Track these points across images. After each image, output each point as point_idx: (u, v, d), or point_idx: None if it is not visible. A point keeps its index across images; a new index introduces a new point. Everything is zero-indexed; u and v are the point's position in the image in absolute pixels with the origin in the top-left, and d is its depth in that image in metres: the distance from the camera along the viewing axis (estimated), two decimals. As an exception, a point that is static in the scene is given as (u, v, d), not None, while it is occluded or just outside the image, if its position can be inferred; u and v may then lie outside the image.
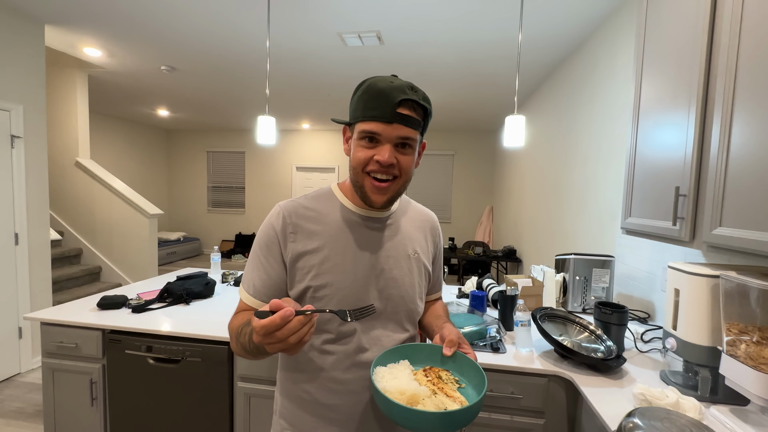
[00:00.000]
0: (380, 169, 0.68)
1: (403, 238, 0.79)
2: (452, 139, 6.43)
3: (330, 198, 0.78)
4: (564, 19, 2.31)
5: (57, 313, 1.49)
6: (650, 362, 1.24)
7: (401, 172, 0.70)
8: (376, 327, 0.75)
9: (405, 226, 0.81)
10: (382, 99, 0.65)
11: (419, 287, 0.80)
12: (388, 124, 0.66)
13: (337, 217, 0.75)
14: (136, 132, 6.42)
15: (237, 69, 3.45)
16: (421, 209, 0.89)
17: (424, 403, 0.60)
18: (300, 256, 0.72)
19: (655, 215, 1.18)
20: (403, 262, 0.77)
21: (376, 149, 0.68)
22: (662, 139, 1.16)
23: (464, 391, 0.66)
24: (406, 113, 0.66)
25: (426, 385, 0.64)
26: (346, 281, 0.72)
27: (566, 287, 1.77)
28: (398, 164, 0.69)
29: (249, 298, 0.73)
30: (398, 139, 0.67)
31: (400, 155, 0.69)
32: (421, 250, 0.81)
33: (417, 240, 0.82)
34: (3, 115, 2.41)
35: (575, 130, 2.71)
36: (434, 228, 0.88)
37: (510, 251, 4.59)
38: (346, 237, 0.74)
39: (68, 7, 2.38)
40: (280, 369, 0.80)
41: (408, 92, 0.66)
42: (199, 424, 1.39)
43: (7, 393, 2.31)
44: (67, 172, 3.72)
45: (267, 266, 0.73)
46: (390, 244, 0.77)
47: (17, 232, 2.51)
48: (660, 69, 1.20)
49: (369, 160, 0.68)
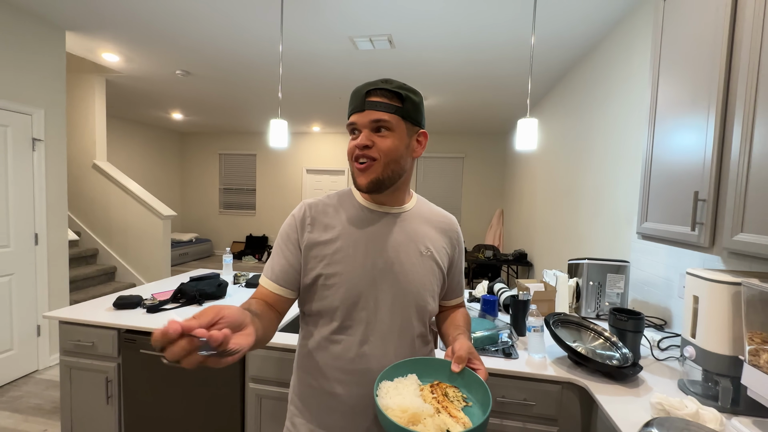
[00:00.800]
0: (360, 153, 0.74)
1: (416, 234, 0.81)
2: (462, 141, 6.41)
3: (348, 196, 0.84)
4: (577, 21, 2.29)
5: (75, 312, 1.52)
6: (667, 371, 1.21)
7: (380, 154, 0.74)
8: (385, 321, 0.77)
9: (420, 224, 0.83)
10: (356, 94, 0.75)
11: (431, 285, 0.81)
12: (361, 112, 0.74)
13: (352, 213, 0.80)
14: (150, 135, 6.55)
15: (250, 73, 3.50)
16: (440, 211, 0.91)
17: (425, 423, 0.59)
18: (314, 245, 0.77)
19: (672, 220, 1.16)
20: (414, 258, 0.79)
21: (357, 138, 0.75)
22: (680, 142, 1.14)
23: (470, 410, 0.65)
24: (376, 99, 0.73)
25: (431, 403, 0.63)
26: (355, 271, 0.75)
27: (579, 292, 1.74)
28: (376, 146, 0.73)
29: (266, 280, 0.78)
30: (372, 123, 0.73)
31: (377, 138, 0.74)
32: (435, 249, 0.82)
33: (432, 239, 0.83)
34: (25, 118, 2.48)
35: (589, 133, 2.68)
36: (453, 231, 0.89)
37: (521, 255, 4.54)
38: (359, 230, 0.78)
39: (89, 15, 2.45)
40: (296, 356, 0.85)
41: (378, 84, 0.74)
42: (211, 424, 1.40)
43: (26, 389, 2.37)
44: (85, 174, 3.81)
45: (286, 252, 0.78)
46: (402, 239, 0.80)
47: (37, 233, 2.58)
48: (678, 70, 1.18)
49: (354, 148, 0.75)
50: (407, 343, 0.79)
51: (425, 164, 6.56)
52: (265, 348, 1.34)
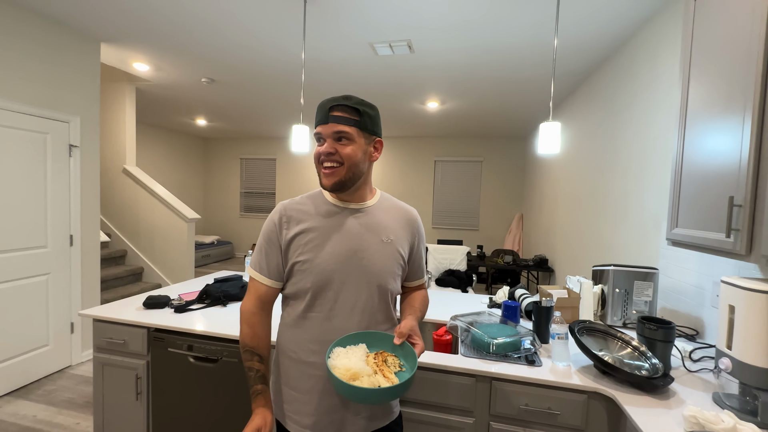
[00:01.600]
0: (325, 158, 0.88)
1: (378, 226, 0.94)
2: (481, 145, 6.35)
3: (318, 195, 0.98)
4: (602, 22, 2.25)
5: (108, 311, 1.59)
6: (700, 383, 1.16)
7: (344, 160, 0.87)
8: (349, 299, 0.90)
9: (381, 217, 0.96)
10: (321, 108, 0.88)
11: (392, 269, 0.94)
12: (325, 124, 0.86)
13: (322, 209, 0.94)
14: (176, 140, 6.79)
15: (272, 80, 3.59)
16: (401, 205, 1.04)
17: (362, 380, 0.75)
18: (291, 240, 0.91)
19: (705, 226, 1.11)
20: (376, 246, 0.92)
21: (322, 146, 0.88)
22: (713, 144, 1.10)
23: (402, 374, 0.80)
24: (338, 114, 0.86)
25: (371, 366, 0.79)
26: (324, 258, 0.89)
27: (604, 300, 1.70)
28: (338, 153, 0.87)
29: (262, 277, 0.93)
30: (335, 134, 0.86)
31: (339, 146, 0.87)
32: (396, 237, 0.96)
33: (392, 229, 0.96)
34: (63, 126, 2.62)
35: (613, 135, 2.61)
36: (412, 220, 1.02)
37: (541, 260, 4.45)
38: (328, 223, 0.92)
39: (122, 27, 2.57)
40: (277, 336, 0.98)
41: (340, 100, 0.86)
42: (235, 422, 1.43)
43: (60, 384, 2.48)
44: (116, 179, 3.98)
45: (269, 251, 0.92)
46: (365, 229, 0.93)
47: (72, 234, 2.72)
48: (710, 70, 1.14)
49: (319, 154, 0.89)
50: (368, 318, 0.91)
51: (442, 168, 6.54)
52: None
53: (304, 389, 0.90)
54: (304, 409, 0.89)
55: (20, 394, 2.34)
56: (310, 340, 0.89)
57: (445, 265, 4.24)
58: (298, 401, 0.90)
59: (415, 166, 6.62)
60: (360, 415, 0.90)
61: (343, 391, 0.73)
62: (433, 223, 6.61)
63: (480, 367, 1.21)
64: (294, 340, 0.91)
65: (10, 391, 2.36)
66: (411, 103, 4.27)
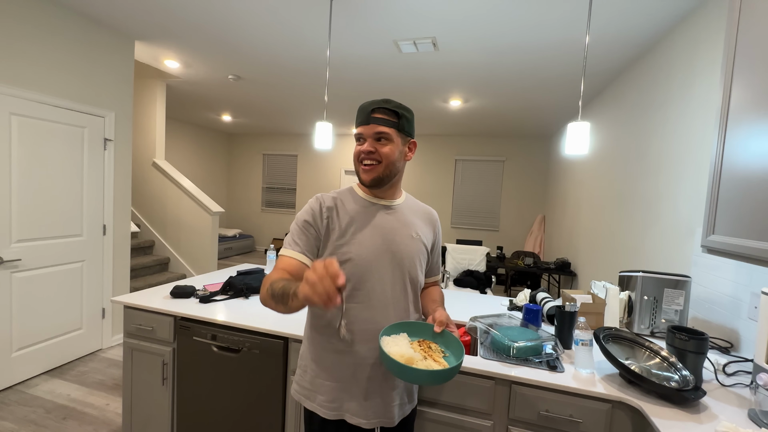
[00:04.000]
0: (365, 156, 0.94)
1: (407, 222, 1.02)
2: (503, 144, 6.23)
3: (351, 192, 1.04)
4: (636, 19, 2.16)
5: (138, 299, 1.66)
6: (735, 398, 1.11)
7: (382, 158, 0.95)
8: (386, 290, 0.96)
9: (409, 215, 1.05)
10: (362, 111, 0.95)
11: (419, 261, 1.02)
12: (367, 125, 0.93)
13: (356, 205, 1.00)
14: (201, 135, 6.99)
15: (296, 77, 3.64)
16: (423, 206, 1.13)
17: (417, 364, 0.83)
18: (330, 230, 0.95)
19: (746, 234, 1.06)
20: (407, 240, 1.00)
21: (362, 145, 0.95)
22: (758, 147, 1.04)
23: (447, 359, 0.89)
24: (378, 116, 0.93)
25: (419, 352, 0.87)
26: (363, 250, 0.94)
27: (632, 307, 1.64)
28: (378, 152, 0.94)
29: (293, 252, 0.93)
30: (375, 135, 0.94)
31: (379, 146, 0.94)
32: (422, 234, 1.04)
33: (419, 226, 1.04)
34: (99, 120, 2.75)
35: (644, 136, 2.51)
36: (434, 220, 1.12)
37: (563, 264, 4.33)
38: (364, 217, 0.98)
39: (155, 25, 2.67)
40: (308, 328, 1.02)
41: (380, 103, 0.93)
42: (255, 411, 1.47)
43: (92, 366, 2.61)
44: (146, 172, 4.14)
45: (307, 233, 0.95)
46: (397, 224, 1.00)
47: (105, 224, 2.85)
48: (757, 68, 1.08)
49: (359, 153, 0.96)
50: (402, 308, 0.99)
51: (463, 167, 6.46)
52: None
53: (341, 377, 0.94)
54: (341, 396, 0.94)
55: (55, 374, 2.48)
56: (349, 329, 0.93)
57: (464, 266, 4.19)
58: (335, 389, 0.94)
59: (435, 164, 6.57)
60: (394, 402, 0.97)
61: (405, 375, 0.80)
62: (452, 223, 6.55)
63: (500, 370, 1.19)
64: (331, 331, 0.95)
65: (47, 371, 2.51)
66: (433, 101, 4.23)
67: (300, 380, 1.01)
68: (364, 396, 0.94)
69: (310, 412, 0.97)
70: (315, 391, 0.96)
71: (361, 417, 0.94)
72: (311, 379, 0.97)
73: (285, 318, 1.52)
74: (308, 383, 0.98)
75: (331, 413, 0.94)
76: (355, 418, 0.94)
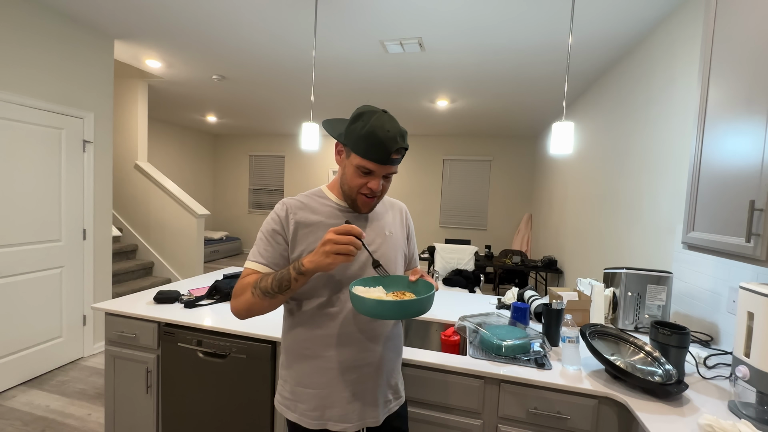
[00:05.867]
0: (370, 192, 0.91)
1: (380, 222, 1.01)
2: (490, 144, 6.30)
3: (321, 196, 1.00)
4: (617, 21, 2.20)
5: (119, 305, 1.61)
6: (715, 390, 1.14)
7: (382, 193, 0.95)
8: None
9: (381, 213, 1.03)
10: (381, 147, 0.84)
11: (397, 257, 1.01)
12: (383, 165, 0.87)
13: (327, 209, 0.97)
14: (186, 137, 6.86)
15: (282, 77, 3.60)
16: (392, 200, 1.11)
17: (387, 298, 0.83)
18: (299, 237, 0.92)
19: (723, 230, 1.09)
20: (381, 239, 0.98)
21: (368, 178, 0.89)
22: (734, 146, 1.07)
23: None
24: (396, 157, 0.87)
25: (391, 297, 0.86)
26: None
27: (616, 303, 1.67)
28: (383, 188, 0.94)
29: (257, 264, 0.91)
30: (388, 174, 0.91)
31: (385, 182, 0.93)
32: (395, 230, 1.04)
33: (391, 223, 1.04)
34: (77, 122, 2.66)
35: (627, 136, 2.56)
36: (403, 212, 1.11)
37: (550, 261, 4.40)
38: (334, 222, 0.94)
39: (135, 24, 2.60)
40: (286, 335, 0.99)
41: (399, 141, 0.86)
42: (243, 417, 1.44)
43: (72, 375, 2.53)
44: (127, 174, 4.04)
45: (273, 243, 0.92)
46: (370, 226, 0.99)
47: (85, 228, 2.76)
48: (731, 70, 1.11)
49: (363, 185, 0.90)
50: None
51: (451, 167, 6.50)
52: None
53: (320, 384, 0.92)
54: (322, 404, 0.92)
55: (34, 384, 2.39)
56: (326, 335, 0.92)
57: (453, 265, 4.22)
58: (315, 397, 0.92)
59: (423, 164, 6.60)
60: (377, 402, 0.95)
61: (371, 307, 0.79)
62: (440, 222, 6.58)
63: (489, 369, 1.20)
64: (308, 338, 0.93)
65: (25, 381, 2.42)
66: (420, 101, 4.25)
67: (281, 390, 0.98)
68: (346, 400, 0.92)
69: (293, 423, 0.95)
70: (296, 401, 0.94)
71: (345, 422, 0.92)
72: (291, 388, 0.95)
73: (273, 321, 1.50)
74: (289, 393, 0.96)
75: (313, 422, 0.92)
76: (339, 424, 0.92)
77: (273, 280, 0.83)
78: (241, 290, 0.88)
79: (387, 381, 0.99)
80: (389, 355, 0.99)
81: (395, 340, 1.02)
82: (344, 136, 0.90)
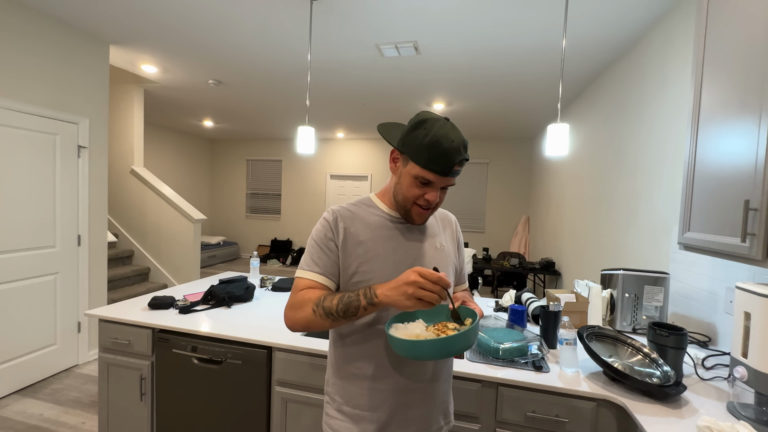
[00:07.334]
0: (426, 204, 0.85)
1: (431, 234, 0.95)
2: (487, 147, 6.32)
3: (370, 204, 0.94)
4: (611, 23, 2.22)
5: (113, 311, 1.59)
6: (714, 391, 1.13)
7: (437, 204, 0.88)
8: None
9: (431, 225, 0.97)
10: (445, 158, 0.79)
11: (448, 273, 0.94)
12: (444, 176, 0.81)
13: (377, 219, 0.91)
14: (183, 141, 6.84)
15: (278, 82, 3.60)
16: (443, 211, 1.04)
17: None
18: (348, 246, 0.87)
19: (719, 230, 1.08)
20: (432, 253, 0.92)
21: (426, 189, 0.83)
22: (727, 147, 1.07)
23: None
24: (457, 168, 0.81)
25: (433, 332, 0.77)
26: (387, 268, 0.86)
27: (614, 305, 1.67)
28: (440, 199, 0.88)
29: (312, 274, 0.86)
30: (447, 185, 0.85)
31: (442, 192, 0.86)
32: (445, 243, 0.97)
33: (442, 236, 0.97)
34: (72, 127, 2.65)
35: (622, 138, 2.57)
36: (454, 225, 1.05)
37: (548, 263, 4.40)
38: (385, 233, 0.89)
39: (131, 29, 2.60)
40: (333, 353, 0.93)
41: (462, 152, 0.80)
42: (238, 424, 1.42)
43: (66, 383, 2.50)
44: (123, 179, 4.02)
45: (326, 250, 0.87)
46: (420, 238, 0.92)
47: (80, 234, 2.74)
48: (724, 71, 1.11)
49: (420, 196, 0.84)
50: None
51: (449, 170, 6.50)
52: (291, 352, 1.36)
53: (371, 406, 0.86)
54: (370, 428, 0.86)
55: (27, 393, 2.36)
56: (378, 354, 0.86)
57: (451, 268, 4.20)
58: (364, 420, 0.86)
59: (420, 167, 6.59)
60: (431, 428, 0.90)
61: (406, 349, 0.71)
62: (438, 225, 6.57)
63: (486, 373, 1.19)
64: (360, 355, 0.87)
65: (18, 390, 2.38)
66: (416, 104, 4.26)
67: (328, 409, 0.93)
68: (397, 425, 0.86)
69: None
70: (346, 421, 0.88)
71: None
72: (338, 407, 0.90)
73: (268, 327, 1.49)
74: (336, 411, 0.90)
75: None
76: None
77: (339, 302, 0.77)
78: (300, 304, 0.82)
79: (440, 405, 0.93)
80: (443, 374, 0.93)
81: (448, 361, 0.97)
82: (403, 144, 0.84)
